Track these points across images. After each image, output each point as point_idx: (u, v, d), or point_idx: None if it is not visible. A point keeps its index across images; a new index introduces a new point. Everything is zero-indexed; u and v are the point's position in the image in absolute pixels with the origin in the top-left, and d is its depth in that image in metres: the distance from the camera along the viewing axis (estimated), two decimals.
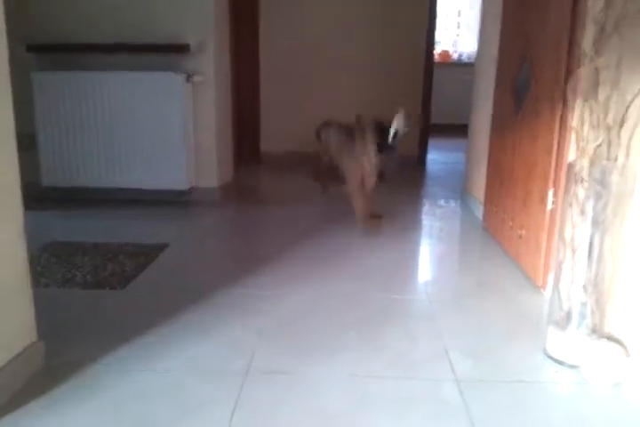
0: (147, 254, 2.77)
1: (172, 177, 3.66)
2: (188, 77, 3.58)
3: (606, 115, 1.85)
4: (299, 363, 1.82)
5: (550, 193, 2.33)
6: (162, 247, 2.88)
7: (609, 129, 1.83)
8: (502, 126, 3.04)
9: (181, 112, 3.59)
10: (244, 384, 1.69)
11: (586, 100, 1.93)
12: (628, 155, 1.79)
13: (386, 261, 2.81)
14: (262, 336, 2.00)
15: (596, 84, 1.89)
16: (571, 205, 1.86)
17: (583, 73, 1.95)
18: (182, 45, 3.58)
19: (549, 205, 2.34)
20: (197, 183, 3.77)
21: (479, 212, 3.42)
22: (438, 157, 5.61)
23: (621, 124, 1.80)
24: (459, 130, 4.85)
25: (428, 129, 5.33)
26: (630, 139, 1.77)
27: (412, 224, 3.50)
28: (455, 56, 7.80)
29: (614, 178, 1.77)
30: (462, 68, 6.96)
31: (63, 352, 1.83)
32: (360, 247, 3.00)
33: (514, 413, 1.60)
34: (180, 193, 3.72)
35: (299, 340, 1.99)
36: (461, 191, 4.04)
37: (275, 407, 1.60)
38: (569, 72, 2.18)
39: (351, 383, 1.72)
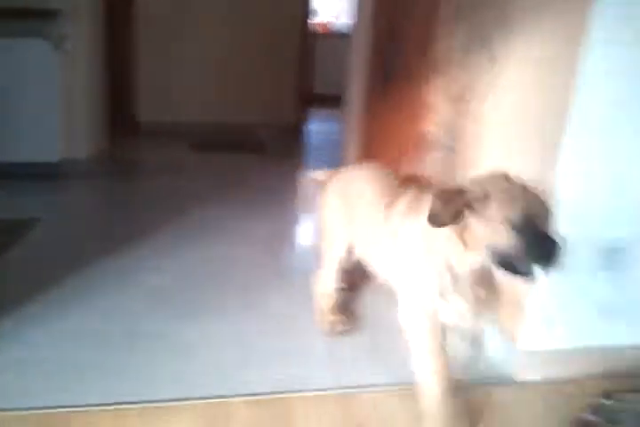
0: (18, 229, 2.66)
1: (42, 148, 3.48)
2: (58, 44, 3.39)
3: (457, 90, 2.07)
4: (187, 324, 1.91)
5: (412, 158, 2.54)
6: (34, 221, 2.77)
7: (459, 102, 2.04)
8: (373, 97, 3.21)
9: (51, 80, 3.41)
10: (130, 347, 1.76)
11: (440, 77, 2.14)
12: (474, 124, 2.01)
13: (267, 229, 2.90)
14: (147, 303, 2.04)
15: (448, 63, 2.10)
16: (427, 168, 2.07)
17: (438, 53, 2.15)
18: (53, 10, 3.37)
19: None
20: (68, 155, 3.61)
21: None
22: (321, 128, 5.74)
23: (469, 99, 2.02)
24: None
25: (306, 98, 5.44)
26: (477, 111, 2.00)
27: (291, 194, 3.61)
28: (337, 27, 7.93)
29: (463, 144, 2.00)
30: (344, 39, 7.13)
31: None
32: (239, 217, 3.06)
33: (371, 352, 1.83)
34: (51, 165, 3.56)
35: (184, 304, 2.06)
36: (340, 161, 4.21)
37: (162, 365, 1.68)
38: (429, 50, 2.37)
39: (237, 340, 1.85)
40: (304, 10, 5.20)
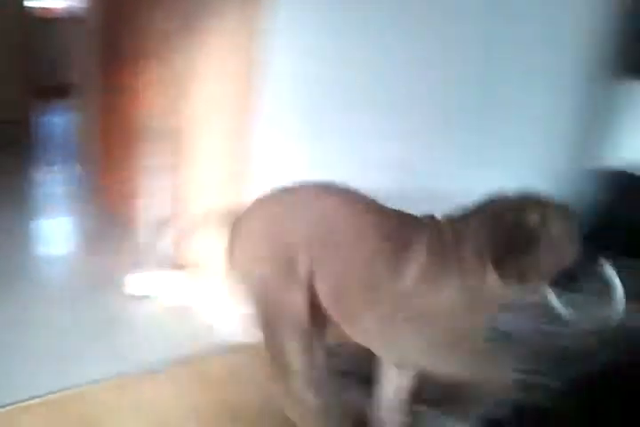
0: None
1: None
2: None
3: (173, 73, 2.10)
4: None
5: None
6: None
7: (174, 86, 2.08)
8: (105, 84, 3.06)
9: None
10: None
11: (157, 61, 2.16)
12: (187, 105, 2.06)
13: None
14: None
15: (164, 48, 2.12)
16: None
17: (154, 38, 2.16)
18: None
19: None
20: None
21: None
22: (59, 120, 5.22)
23: (184, 81, 2.07)
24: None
25: (37, 91, 4.94)
26: (190, 95, 2.05)
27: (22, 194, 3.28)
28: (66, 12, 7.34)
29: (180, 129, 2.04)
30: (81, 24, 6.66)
31: None
32: None
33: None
34: None
35: None
36: (77, 154, 3.93)
37: None
38: (147, 35, 2.34)
39: None
40: None
